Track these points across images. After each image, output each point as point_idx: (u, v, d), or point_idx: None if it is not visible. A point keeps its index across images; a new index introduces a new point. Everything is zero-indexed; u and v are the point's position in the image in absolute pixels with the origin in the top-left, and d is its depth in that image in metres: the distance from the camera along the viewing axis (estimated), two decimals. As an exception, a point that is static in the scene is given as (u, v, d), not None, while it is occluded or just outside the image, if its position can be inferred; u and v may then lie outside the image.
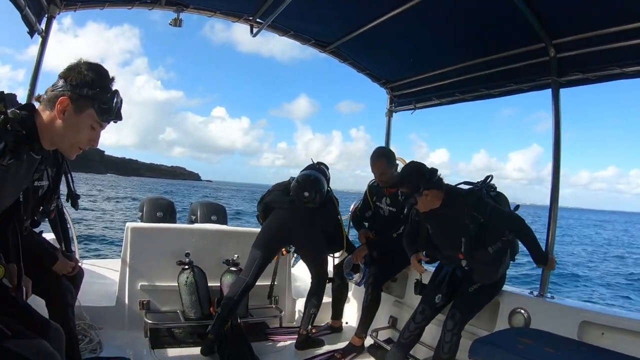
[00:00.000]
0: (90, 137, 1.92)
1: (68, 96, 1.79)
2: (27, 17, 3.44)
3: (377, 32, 4.38)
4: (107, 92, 1.87)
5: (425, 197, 3.36)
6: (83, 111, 1.83)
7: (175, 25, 4.27)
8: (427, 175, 3.41)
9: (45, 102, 1.84)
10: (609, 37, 3.31)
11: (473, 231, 3.26)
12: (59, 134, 1.84)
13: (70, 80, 1.81)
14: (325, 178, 4.18)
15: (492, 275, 3.38)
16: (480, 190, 3.43)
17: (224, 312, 3.81)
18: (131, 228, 4.26)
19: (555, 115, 3.69)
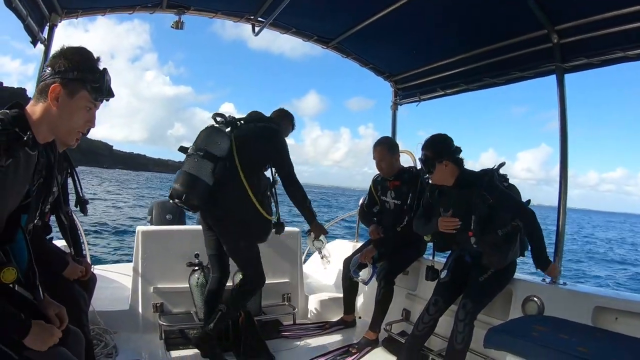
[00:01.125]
0: (87, 119, 1.94)
1: (59, 82, 1.81)
2: (29, 26, 3.48)
3: (379, 25, 4.38)
4: (96, 71, 1.89)
5: (444, 168, 3.39)
6: (76, 94, 1.84)
7: (177, 27, 4.30)
8: (453, 147, 3.45)
9: (37, 95, 1.85)
10: (611, 20, 3.31)
11: (483, 211, 3.27)
12: (56, 122, 1.86)
13: (58, 67, 1.82)
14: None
15: (501, 259, 3.36)
16: (493, 173, 3.44)
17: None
18: (142, 232, 4.28)
19: (560, 102, 3.69)
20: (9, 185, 1.76)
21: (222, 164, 3.45)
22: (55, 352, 1.81)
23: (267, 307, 4.60)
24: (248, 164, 3.53)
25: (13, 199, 1.85)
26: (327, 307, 4.95)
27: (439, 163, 3.37)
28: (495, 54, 4.24)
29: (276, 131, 3.78)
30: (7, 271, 1.77)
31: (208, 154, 3.43)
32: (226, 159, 3.48)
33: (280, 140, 3.72)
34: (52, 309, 2.02)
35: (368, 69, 5.52)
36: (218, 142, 3.49)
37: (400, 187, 4.35)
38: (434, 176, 3.45)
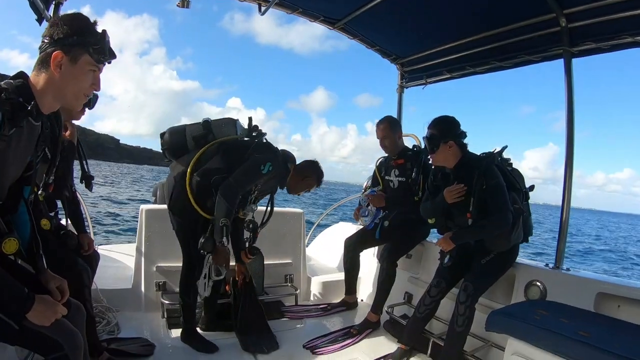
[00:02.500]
0: (92, 82, 1.93)
1: (60, 49, 1.79)
2: (34, 3, 3.45)
3: (386, 7, 4.33)
4: (96, 34, 1.87)
5: (447, 149, 3.37)
6: (78, 59, 1.83)
7: (182, 6, 4.25)
8: (459, 130, 3.43)
9: (38, 66, 1.83)
10: (620, 5, 3.28)
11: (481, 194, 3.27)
12: (61, 89, 1.85)
13: (57, 35, 1.80)
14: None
15: (504, 242, 3.36)
16: (494, 157, 3.42)
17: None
18: (145, 210, 4.30)
19: (567, 86, 3.66)
20: (11, 154, 1.77)
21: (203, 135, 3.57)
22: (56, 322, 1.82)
23: (269, 288, 4.62)
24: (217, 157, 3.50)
25: (15, 168, 1.86)
26: (329, 289, 4.98)
27: (444, 143, 3.36)
28: (503, 37, 4.21)
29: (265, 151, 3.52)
30: (9, 242, 1.79)
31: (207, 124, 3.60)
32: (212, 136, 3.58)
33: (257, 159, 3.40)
34: (54, 282, 2.03)
35: (374, 50, 5.47)
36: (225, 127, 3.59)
37: (404, 164, 4.37)
38: (437, 155, 3.42)
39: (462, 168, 3.40)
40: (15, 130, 1.72)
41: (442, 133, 3.37)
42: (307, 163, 3.86)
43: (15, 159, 1.82)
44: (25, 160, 1.93)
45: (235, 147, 3.51)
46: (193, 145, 3.52)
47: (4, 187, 1.84)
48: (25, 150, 1.89)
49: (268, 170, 3.39)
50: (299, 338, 3.90)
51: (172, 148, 3.57)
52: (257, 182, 3.46)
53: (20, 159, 1.88)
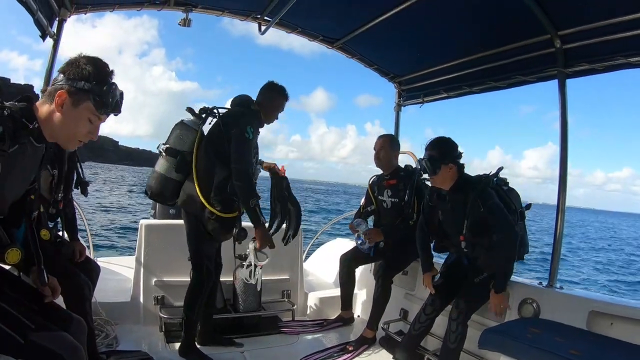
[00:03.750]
0: (89, 130, 1.97)
1: (66, 90, 1.85)
2: (39, 21, 3.53)
3: (384, 27, 4.41)
4: (104, 85, 1.91)
5: (447, 171, 3.40)
6: (80, 104, 1.88)
7: (184, 25, 4.34)
8: (457, 152, 3.47)
9: (46, 96, 1.89)
10: (614, 27, 3.33)
11: (476, 216, 3.29)
12: (58, 127, 1.90)
13: (69, 75, 1.86)
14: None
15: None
16: (489, 180, 3.46)
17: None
18: (145, 225, 4.34)
19: (561, 106, 3.72)
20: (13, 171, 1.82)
21: (181, 158, 3.44)
22: (59, 336, 1.86)
23: (266, 303, 4.64)
24: (204, 157, 3.45)
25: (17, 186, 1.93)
26: (326, 305, 4.99)
27: (445, 165, 3.38)
28: (499, 57, 4.27)
29: (237, 116, 3.51)
30: (12, 252, 1.85)
31: (170, 150, 3.46)
32: (187, 152, 3.47)
33: (239, 129, 3.39)
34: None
35: (372, 69, 5.54)
36: (182, 138, 3.50)
37: (397, 185, 4.42)
38: (438, 177, 3.43)
39: (458, 190, 3.44)
40: (18, 148, 1.78)
41: (443, 155, 3.39)
42: (264, 90, 3.78)
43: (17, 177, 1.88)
44: (29, 180, 1.99)
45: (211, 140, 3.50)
46: (181, 177, 3.49)
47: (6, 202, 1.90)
48: (29, 170, 1.95)
49: (251, 132, 3.42)
50: (295, 354, 3.91)
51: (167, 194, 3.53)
52: (251, 150, 3.46)
53: (23, 177, 1.94)
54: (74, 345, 1.89)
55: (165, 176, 3.46)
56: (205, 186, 3.38)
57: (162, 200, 3.64)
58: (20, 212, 1.99)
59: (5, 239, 1.86)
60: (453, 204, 3.48)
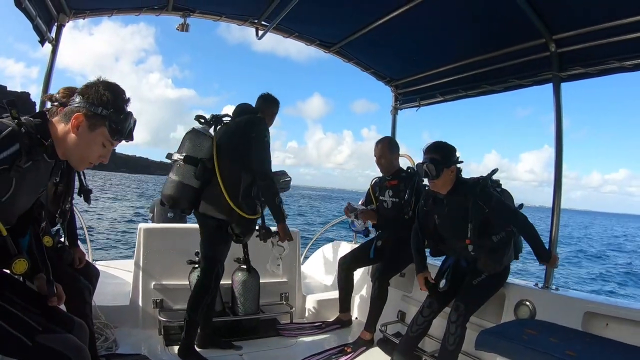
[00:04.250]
0: (101, 154, 2.03)
1: (83, 113, 1.90)
2: (38, 26, 3.56)
3: (381, 31, 4.45)
4: (121, 113, 1.98)
5: (448, 174, 3.43)
6: (96, 129, 1.94)
7: (182, 30, 4.38)
8: (456, 157, 3.50)
9: (62, 116, 1.94)
10: (608, 31, 3.37)
11: (479, 219, 3.34)
12: (71, 147, 1.95)
13: (88, 98, 1.92)
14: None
15: (496, 264, 3.44)
16: (486, 181, 3.50)
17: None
18: (144, 229, 4.36)
19: (556, 109, 3.76)
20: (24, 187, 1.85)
21: (202, 166, 3.53)
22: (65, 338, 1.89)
23: (264, 306, 4.66)
24: (226, 162, 3.56)
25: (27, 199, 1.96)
26: (324, 307, 5.02)
27: (447, 168, 3.41)
28: (494, 61, 4.31)
29: (254, 124, 3.66)
30: (19, 262, 1.87)
31: (189, 158, 3.54)
32: (207, 159, 3.56)
33: (258, 133, 3.59)
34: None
35: (369, 73, 5.59)
36: (198, 145, 3.59)
37: (398, 185, 4.46)
38: (439, 181, 3.44)
39: (456, 193, 3.47)
40: (31, 164, 1.83)
41: (445, 158, 3.42)
42: (262, 101, 4.02)
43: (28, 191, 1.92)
44: (38, 193, 2.03)
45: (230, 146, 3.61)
46: (200, 184, 3.57)
47: (14, 214, 1.93)
48: (39, 184, 1.99)
49: (267, 135, 3.61)
50: (293, 356, 3.94)
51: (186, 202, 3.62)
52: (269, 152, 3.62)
53: (33, 191, 1.98)
54: (79, 346, 1.92)
55: (184, 183, 3.54)
56: (233, 191, 3.51)
57: (180, 208, 3.70)
58: (26, 222, 2.02)
59: (12, 249, 1.87)
60: (451, 208, 3.51)
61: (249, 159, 3.54)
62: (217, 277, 3.68)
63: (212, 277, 3.63)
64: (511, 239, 3.50)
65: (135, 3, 4.28)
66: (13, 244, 1.87)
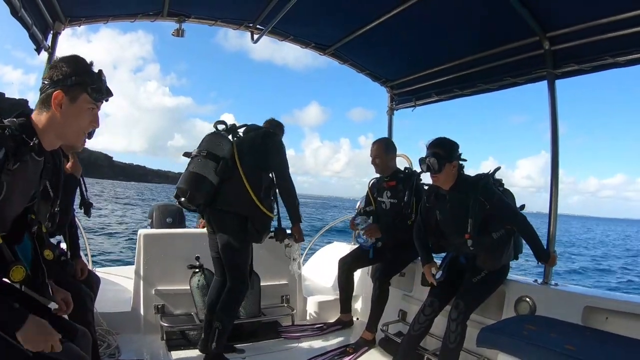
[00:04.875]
0: (91, 119, 2.02)
1: (60, 90, 1.89)
2: (34, 35, 3.58)
3: (375, 32, 4.47)
4: (93, 74, 1.98)
5: (451, 169, 3.46)
6: (77, 98, 1.93)
7: (177, 35, 4.39)
8: (459, 153, 3.54)
9: (39, 105, 1.93)
10: (601, 27, 3.38)
11: (479, 215, 3.35)
12: (62, 127, 1.95)
13: (56, 76, 1.91)
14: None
15: (495, 261, 3.46)
16: (488, 178, 3.54)
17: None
18: (144, 235, 4.37)
19: (551, 107, 3.76)
20: (16, 188, 1.84)
21: (224, 163, 3.55)
22: (66, 347, 1.88)
23: (266, 309, 4.66)
24: (248, 164, 3.61)
25: (20, 201, 1.94)
26: (325, 309, 5.04)
27: (449, 163, 3.43)
28: (488, 60, 4.33)
29: (274, 134, 3.92)
30: (16, 270, 1.84)
31: (211, 154, 3.55)
32: (228, 158, 3.59)
33: (278, 142, 3.86)
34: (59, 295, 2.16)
35: (364, 74, 5.60)
36: (219, 144, 3.62)
37: (396, 186, 4.47)
38: (441, 176, 3.47)
39: (458, 189, 3.50)
40: (20, 165, 1.82)
41: (448, 153, 3.44)
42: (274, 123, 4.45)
43: (20, 193, 1.91)
44: (29, 194, 2.02)
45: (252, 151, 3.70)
46: (217, 180, 3.56)
47: (9, 218, 1.92)
48: (30, 185, 1.98)
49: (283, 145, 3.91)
50: (295, 358, 3.97)
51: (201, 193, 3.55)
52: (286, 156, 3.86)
53: (25, 192, 1.97)
54: (81, 355, 1.92)
55: (203, 175, 3.50)
56: (256, 188, 3.58)
57: (195, 203, 3.61)
58: (21, 228, 2.00)
59: (9, 256, 1.86)
60: (453, 204, 3.53)
61: (268, 163, 3.73)
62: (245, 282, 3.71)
63: (246, 282, 3.71)
64: (511, 237, 3.52)
65: (130, 9, 4.29)
66: (9, 251, 1.87)
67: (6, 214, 1.89)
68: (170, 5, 4.16)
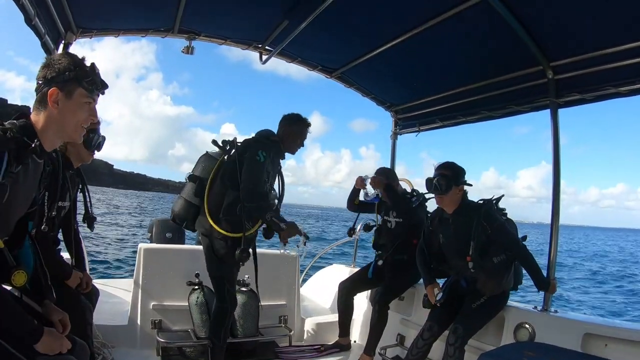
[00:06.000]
0: (89, 113, 2.02)
1: (55, 86, 1.90)
2: (46, 44, 3.63)
3: (381, 58, 4.55)
4: (86, 67, 1.98)
5: (456, 192, 3.53)
6: (73, 93, 1.93)
7: (187, 52, 4.47)
8: (465, 179, 3.60)
9: (36, 106, 1.93)
10: (604, 58, 3.44)
11: (481, 238, 3.39)
12: (60, 123, 1.94)
13: (50, 74, 1.91)
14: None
15: (495, 286, 3.47)
16: (491, 204, 3.59)
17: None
18: (144, 249, 4.37)
19: (554, 135, 3.82)
20: (18, 191, 1.85)
21: (199, 183, 3.64)
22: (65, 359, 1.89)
23: (263, 329, 4.63)
24: (219, 182, 3.62)
25: (22, 204, 1.95)
26: (323, 330, 5.00)
27: (455, 185, 3.50)
28: (493, 88, 4.38)
29: (248, 145, 3.65)
30: (18, 274, 1.86)
31: (191, 176, 3.68)
32: (203, 178, 3.66)
33: (250, 153, 3.55)
34: (56, 315, 2.10)
35: (369, 99, 5.68)
36: (206, 167, 3.70)
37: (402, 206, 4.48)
38: (446, 198, 3.55)
39: (462, 213, 3.54)
40: (22, 168, 1.82)
41: (455, 176, 3.52)
42: (281, 123, 3.90)
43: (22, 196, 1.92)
44: (31, 197, 2.03)
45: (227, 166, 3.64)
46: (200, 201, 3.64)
47: (11, 222, 1.93)
48: (31, 187, 1.99)
49: (264, 157, 3.53)
50: (292, 378, 3.92)
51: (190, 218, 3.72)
52: (263, 172, 3.54)
53: (27, 195, 1.98)
54: None
55: (188, 201, 3.65)
56: (215, 207, 3.56)
57: (186, 225, 3.76)
58: (22, 232, 2.01)
59: (11, 261, 1.87)
60: (456, 227, 3.56)
61: (237, 179, 3.51)
62: (232, 298, 3.66)
63: (225, 299, 3.62)
64: (512, 263, 3.55)
65: (141, 25, 4.37)
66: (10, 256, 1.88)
67: (9, 217, 1.90)
68: (181, 22, 4.23)
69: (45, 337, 1.83)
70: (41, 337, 1.81)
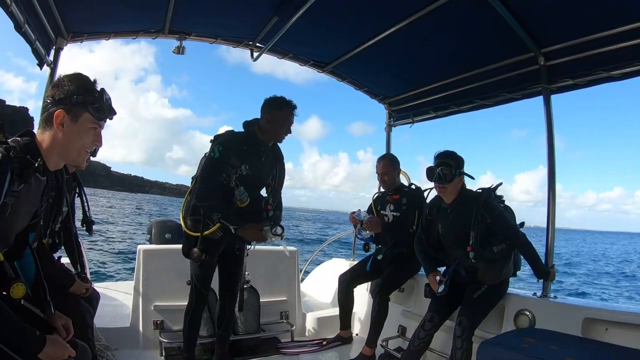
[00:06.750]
0: (93, 138, 2.02)
1: (62, 109, 1.89)
2: (37, 50, 3.61)
3: (373, 50, 4.53)
4: (95, 92, 1.98)
5: (458, 182, 3.55)
6: (79, 117, 1.93)
7: (178, 52, 4.45)
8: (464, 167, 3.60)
9: (42, 124, 1.93)
10: (595, 42, 3.45)
11: (481, 228, 3.41)
12: (64, 146, 1.94)
13: (58, 95, 1.91)
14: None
15: (496, 275, 3.48)
16: (490, 193, 3.60)
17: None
18: (143, 250, 4.38)
19: (547, 122, 3.82)
20: (20, 207, 1.85)
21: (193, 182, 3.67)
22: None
23: (265, 325, 4.66)
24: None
25: (22, 219, 1.95)
26: (324, 325, 5.01)
27: (458, 175, 3.52)
28: (485, 76, 4.39)
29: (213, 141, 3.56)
30: (17, 287, 1.85)
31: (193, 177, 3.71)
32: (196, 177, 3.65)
33: (209, 151, 3.51)
34: (59, 321, 2.10)
35: (363, 91, 5.68)
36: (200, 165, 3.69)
37: (400, 200, 4.51)
38: (449, 187, 3.56)
39: (461, 203, 3.56)
40: (24, 186, 1.82)
41: (458, 165, 3.53)
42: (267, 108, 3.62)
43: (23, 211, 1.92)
44: (32, 211, 2.02)
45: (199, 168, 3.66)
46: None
47: (11, 236, 1.92)
48: (33, 202, 1.99)
49: (219, 152, 3.40)
50: (295, 373, 3.93)
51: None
52: (216, 168, 3.43)
53: (28, 210, 1.97)
54: None
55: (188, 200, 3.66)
56: (186, 206, 3.60)
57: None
58: (22, 244, 2.01)
59: (10, 274, 1.87)
60: (455, 217, 3.58)
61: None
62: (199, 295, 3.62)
63: (192, 294, 3.63)
64: (511, 252, 3.56)
65: (132, 27, 4.35)
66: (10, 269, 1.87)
67: (9, 232, 1.90)
68: (171, 23, 4.22)
69: (48, 348, 1.82)
70: (44, 346, 1.81)
